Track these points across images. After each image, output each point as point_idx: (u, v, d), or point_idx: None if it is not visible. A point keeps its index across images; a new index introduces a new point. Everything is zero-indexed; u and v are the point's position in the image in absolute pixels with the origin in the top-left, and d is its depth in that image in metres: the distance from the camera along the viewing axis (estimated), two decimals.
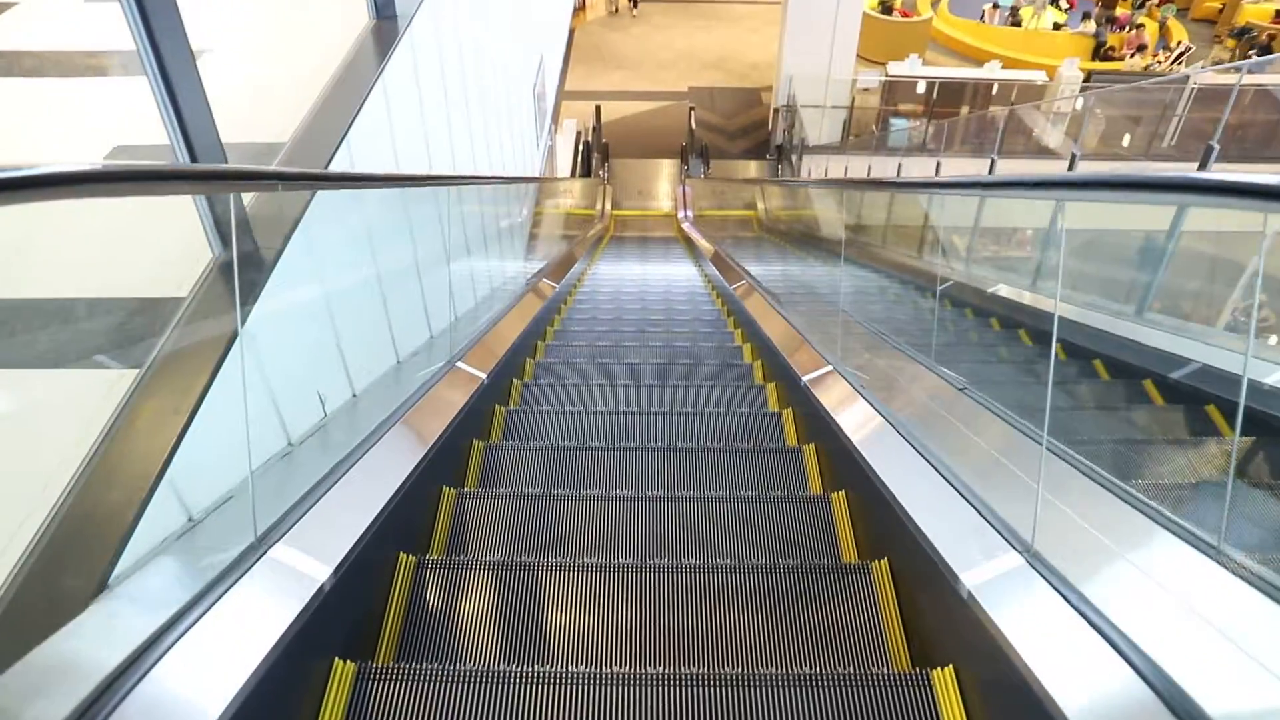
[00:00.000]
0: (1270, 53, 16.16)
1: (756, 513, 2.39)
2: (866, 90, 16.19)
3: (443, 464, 2.51)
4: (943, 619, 1.69)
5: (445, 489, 2.47)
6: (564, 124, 14.40)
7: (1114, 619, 1.25)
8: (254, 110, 2.61)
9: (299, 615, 1.47)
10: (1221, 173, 1.00)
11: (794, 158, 15.64)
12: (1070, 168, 5.16)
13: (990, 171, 7.00)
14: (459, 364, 2.98)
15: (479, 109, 4.77)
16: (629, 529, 2.37)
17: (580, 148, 14.61)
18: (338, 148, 2.39)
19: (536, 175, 7.15)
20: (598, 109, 15.64)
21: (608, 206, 14.81)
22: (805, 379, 2.99)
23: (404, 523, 2.12)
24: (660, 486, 2.74)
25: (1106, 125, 14.91)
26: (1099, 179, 1.36)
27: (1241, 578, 1.23)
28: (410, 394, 2.57)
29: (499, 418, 3.21)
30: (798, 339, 3.52)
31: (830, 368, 2.98)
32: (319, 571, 1.60)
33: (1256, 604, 1.19)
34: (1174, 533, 1.38)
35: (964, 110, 15.61)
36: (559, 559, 2.13)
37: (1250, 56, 15.93)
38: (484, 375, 3.01)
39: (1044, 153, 11.41)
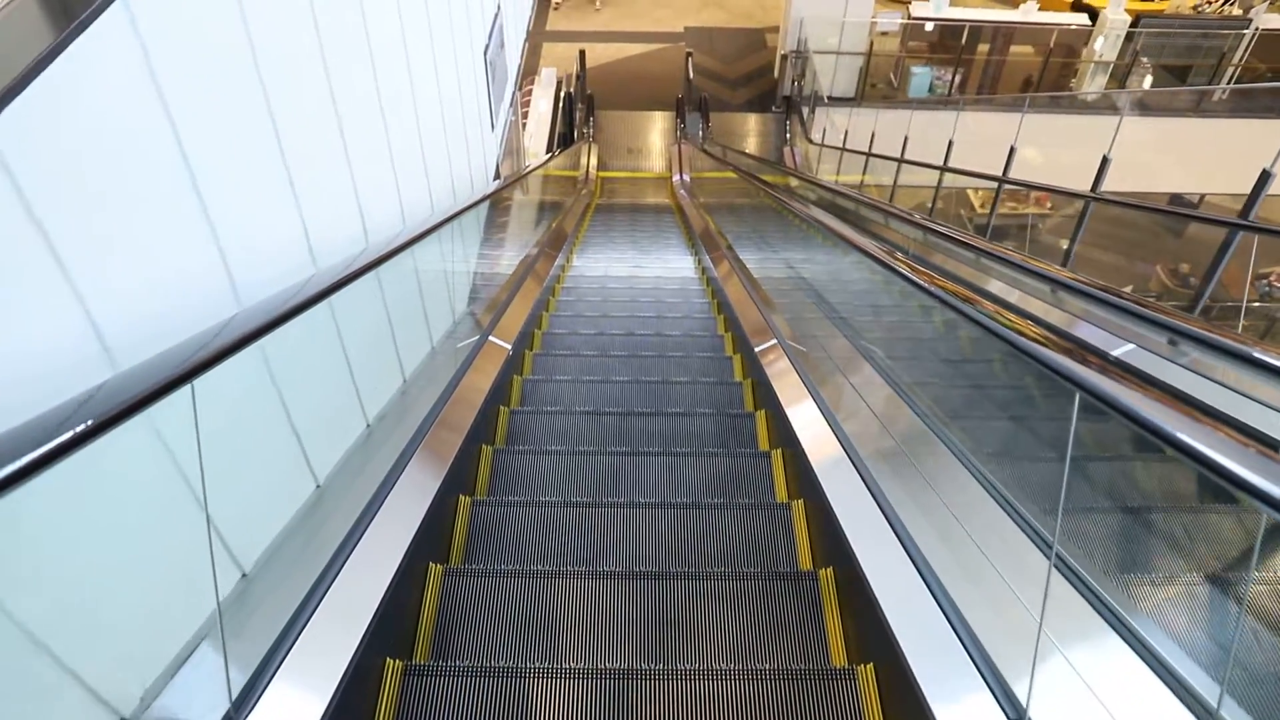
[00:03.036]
0: None
1: None
2: (886, 34, 14.34)
3: None
4: None
5: None
6: (541, 74, 12.58)
7: None
8: None
9: None
10: None
11: (804, 110, 13.82)
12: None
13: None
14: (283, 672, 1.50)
15: (360, 117, 2.74)
16: None
17: (561, 100, 12.78)
18: None
19: (494, 167, 5.39)
20: (582, 54, 13.75)
21: (593, 166, 13.07)
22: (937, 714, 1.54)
23: None
24: None
25: (1155, 76, 13.24)
26: None
27: None
28: None
29: None
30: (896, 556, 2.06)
31: None
32: None
33: None
34: None
35: (982, 49, 13.72)
36: None
37: None
38: (335, 685, 1.52)
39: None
